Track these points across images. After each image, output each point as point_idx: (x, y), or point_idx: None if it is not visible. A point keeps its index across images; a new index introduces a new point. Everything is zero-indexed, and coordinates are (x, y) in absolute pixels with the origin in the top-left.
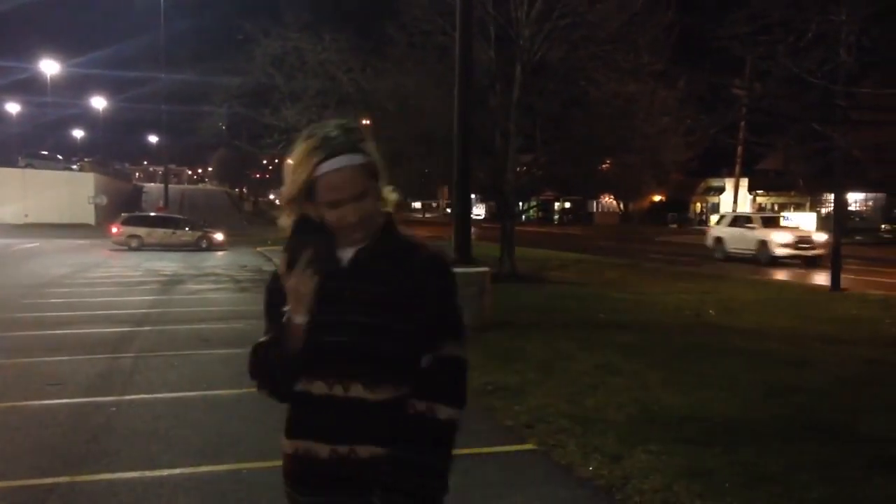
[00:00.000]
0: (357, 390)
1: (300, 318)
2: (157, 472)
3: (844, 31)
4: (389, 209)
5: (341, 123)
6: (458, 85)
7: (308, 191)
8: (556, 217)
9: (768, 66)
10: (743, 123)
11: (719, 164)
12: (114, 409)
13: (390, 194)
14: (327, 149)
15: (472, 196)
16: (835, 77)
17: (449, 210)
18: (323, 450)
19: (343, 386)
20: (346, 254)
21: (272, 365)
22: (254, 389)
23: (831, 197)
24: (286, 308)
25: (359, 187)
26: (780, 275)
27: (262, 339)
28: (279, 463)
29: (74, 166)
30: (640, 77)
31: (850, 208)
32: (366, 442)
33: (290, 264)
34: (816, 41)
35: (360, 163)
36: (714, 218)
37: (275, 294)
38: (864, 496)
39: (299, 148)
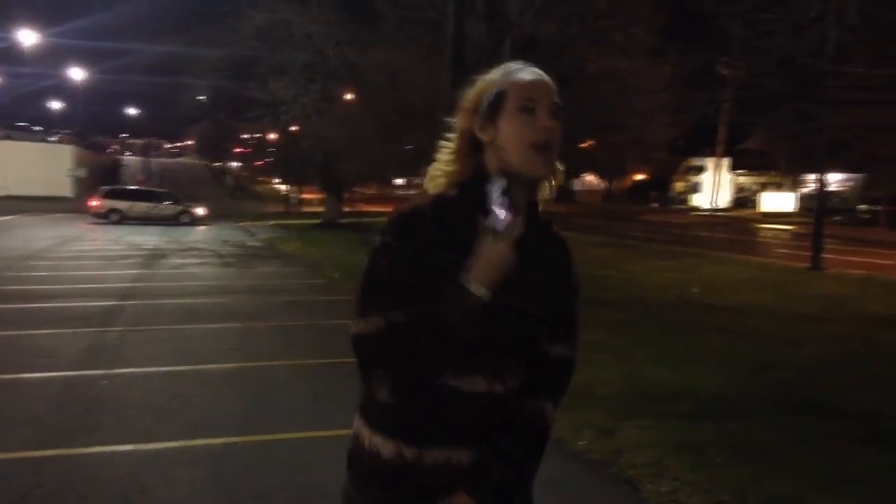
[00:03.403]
0: (509, 384)
1: (486, 293)
2: (151, 445)
3: (834, 11)
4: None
5: None
6: (448, 60)
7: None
8: None
9: (762, 45)
10: (727, 103)
11: (701, 144)
12: (105, 382)
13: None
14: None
15: None
16: (825, 56)
17: None
18: (465, 456)
19: (503, 382)
20: None
21: (420, 351)
22: (245, 364)
23: (811, 177)
24: (469, 277)
25: (558, 100)
26: (762, 254)
27: (396, 317)
28: (274, 437)
29: (53, 138)
30: (631, 55)
31: (829, 189)
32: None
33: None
34: (811, 21)
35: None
36: (694, 197)
37: (416, 252)
38: (854, 470)
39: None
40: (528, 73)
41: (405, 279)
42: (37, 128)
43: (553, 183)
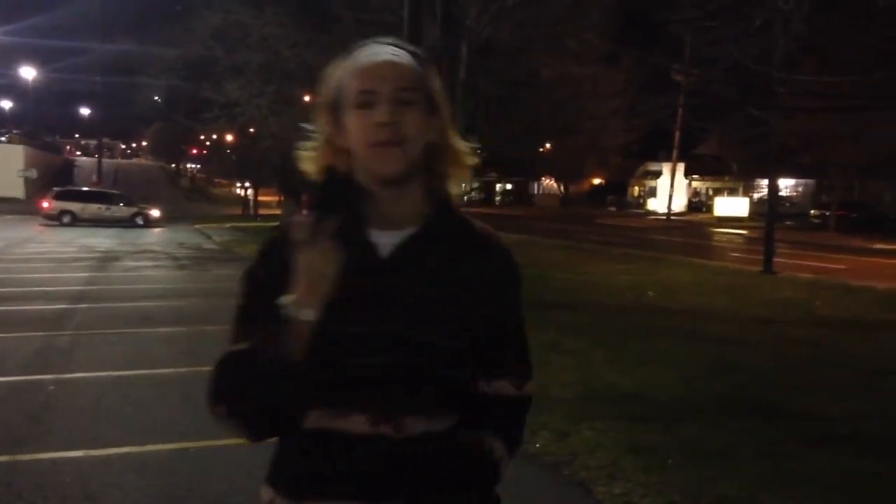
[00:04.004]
0: (410, 426)
1: (308, 314)
2: (102, 451)
3: (782, 19)
4: (459, 184)
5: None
6: None
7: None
8: (498, 198)
9: (713, 52)
10: (681, 109)
11: (657, 148)
12: (52, 387)
13: (468, 155)
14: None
15: None
16: (775, 64)
17: None
18: None
19: (393, 424)
20: (387, 239)
21: (262, 386)
22: (199, 368)
23: (764, 182)
24: (285, 298)
25: (405, 83)
26: (716, 257)
27: (237, 346)
28: (227, 442)
29: (3, 138)
30: (585, 60)
31: (780, 194)
32: (418, 492)
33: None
34: (761, 29)
35: (412, 61)
36: (651, 201)
37: (270, 275)
38: (803, 472)
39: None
40: (365, 56)
41: (253, 306)
42: None
43: (461, 175)
